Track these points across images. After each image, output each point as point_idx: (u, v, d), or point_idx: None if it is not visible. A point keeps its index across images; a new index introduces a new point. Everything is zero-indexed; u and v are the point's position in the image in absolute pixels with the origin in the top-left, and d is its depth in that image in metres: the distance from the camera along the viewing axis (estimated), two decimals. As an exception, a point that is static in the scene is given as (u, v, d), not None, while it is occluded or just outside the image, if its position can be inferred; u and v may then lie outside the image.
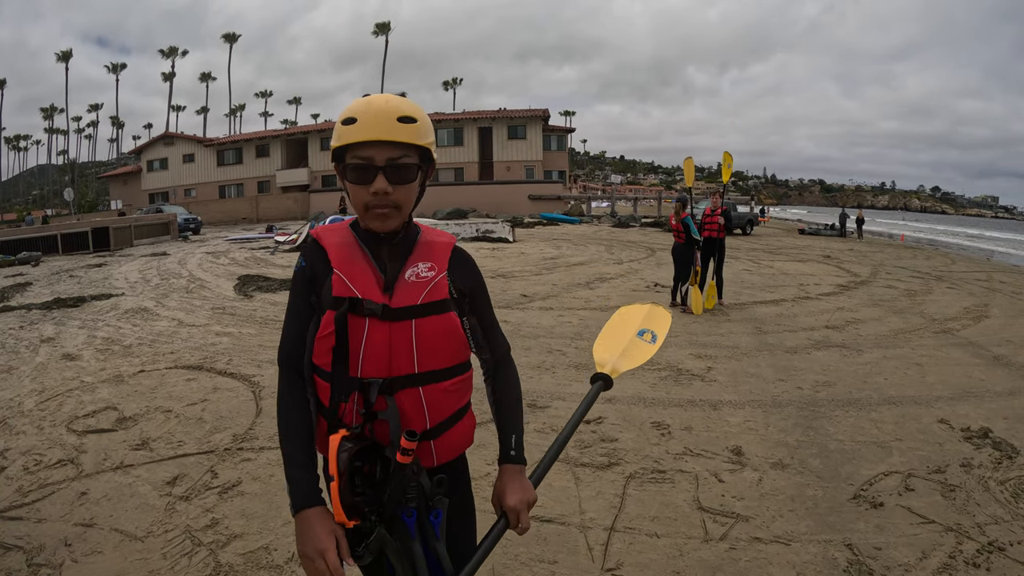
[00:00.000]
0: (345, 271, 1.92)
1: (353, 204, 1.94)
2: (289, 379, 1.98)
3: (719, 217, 12.62)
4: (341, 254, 1.97)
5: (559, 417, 6.28)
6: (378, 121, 1.84)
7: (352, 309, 1.87)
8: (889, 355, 8.78)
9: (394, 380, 1.88)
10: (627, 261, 20.31)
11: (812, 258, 22.51)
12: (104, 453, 5.60)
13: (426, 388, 1.92)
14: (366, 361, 1.87)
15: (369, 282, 1.91)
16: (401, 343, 1.88)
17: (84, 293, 14.86)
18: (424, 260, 2.00)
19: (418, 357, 1.90)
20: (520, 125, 57.09)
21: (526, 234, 31.92)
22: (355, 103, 1.89)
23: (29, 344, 9.88)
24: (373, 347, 1.87)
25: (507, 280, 15.89)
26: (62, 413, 6.64)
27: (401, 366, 1.88)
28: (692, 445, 5.62)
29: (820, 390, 7.16)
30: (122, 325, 11.16)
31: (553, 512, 4.46)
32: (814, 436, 5.86)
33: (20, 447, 5.80)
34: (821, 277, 17.11)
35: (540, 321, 10.92)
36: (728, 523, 4.32)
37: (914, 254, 27.09)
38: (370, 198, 1.89)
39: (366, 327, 1.87)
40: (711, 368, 7.99)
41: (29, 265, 22.49)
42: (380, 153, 1.86)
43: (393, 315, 1.88)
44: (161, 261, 22.28)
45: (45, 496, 4.82)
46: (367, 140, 1.84)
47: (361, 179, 1.88)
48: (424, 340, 1.91)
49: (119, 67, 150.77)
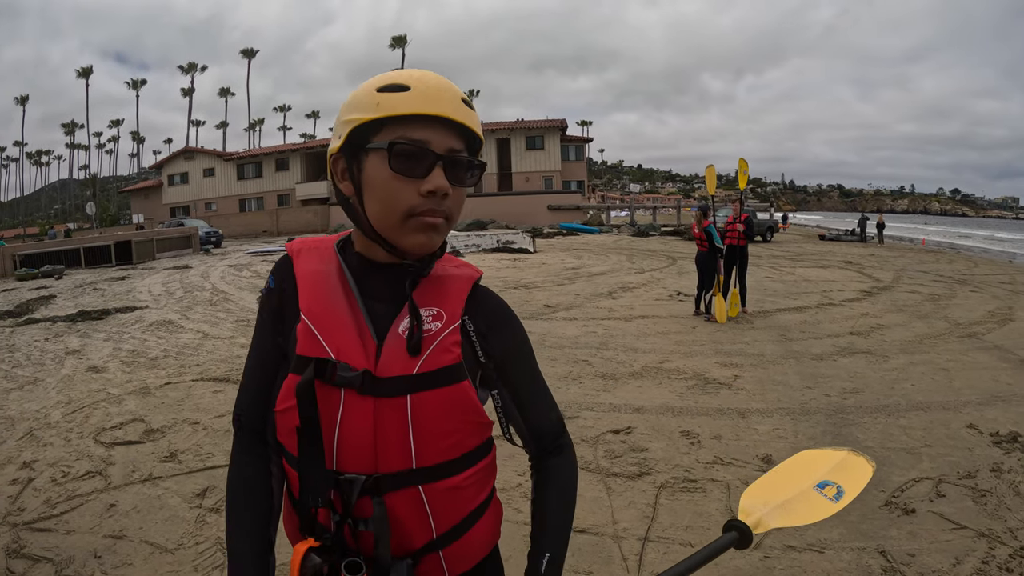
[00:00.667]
0: (316, 316, 1.37)
1: (379, 211, 1.35)
2: (244, 445, 1.48)
3: (740, 225, 12.59)
4: (315, 289, 1.42)
5: (588, 427, 6.26)
6: (441, 93, 1.33)
7: (321, 375, 1.31)
8: (915, 361, 8.70)
9: (383, 478, 1.32)
10: (648, 270, 20.23)
11: (834, 264, 22.35)
12: (132, 465, 5.62)
13: (429, 487, 1.35)
14: (343, 450, 1.32)
15: (348, 336, 1.36)
16: (391, 429, 1.32)
17: (108, 306, 14.98)
18: (429, 304, 1.42)
19: (416, 448, 1.33)
20: (538, 136, 57.28)
21: (546, 244, 31.91)
22: (398, 72, 1.36)
23: (54, 356, 9.97)
24: (352, 432, 1.32)
25: (530, 291, 15.87)
26: (89, 425, 6.67)
27: (392, 459, 1.32)
28: (722, 454, 5.59)
29: (848, 397, 7.10)
30: (147, 337, 11.23)
31: (586, 522, 4.45)
32: (844, 443, 5.78)
33: (47, 458, 5.84)
34: (844, 283, 16.98)
35: (565, 331, 10.89)
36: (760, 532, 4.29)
37: (936, 258, 26.87)
38: (419, 200, 1.31)
39: (341, 403, 1.31)
40: (738, 376, 7.95)
41: (53, 278, 22.74)
42: (439, 138, 1.32)
43: (379, 388, 1.32)
44: (184, 274, 22.42)
45: (73, 508, 4.84)
46: (427, 114, 1.30)
47: (411, 169, 1.30)
48: (425, 424, 1.34)
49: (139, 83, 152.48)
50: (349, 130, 1.34)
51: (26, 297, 17.14)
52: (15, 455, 5.94)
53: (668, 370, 8.29)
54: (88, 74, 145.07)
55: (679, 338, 10.27)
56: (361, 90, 1.36)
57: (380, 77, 1.36)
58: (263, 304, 1.50)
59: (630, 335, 10.51)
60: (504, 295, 14.60)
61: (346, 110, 1.37)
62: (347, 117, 1.35)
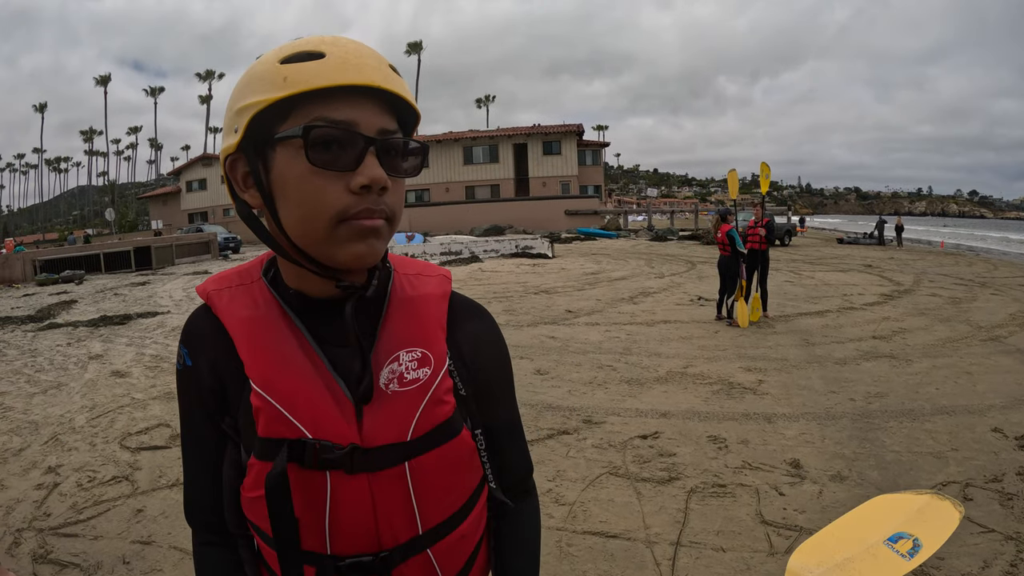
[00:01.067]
0: (273, 385, 1.06)
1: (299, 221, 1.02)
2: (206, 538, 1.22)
3: (761, 229, 12.54)
4: (259, 346, 1.09)
5: (616, 433, 6.24)
6: (364, 59, 1.01)
7: (298, 459, 1.04)
8: (938, 364, 8.64)
9: (390, 554, 1.10)
10: (668, 275, 20.18)
11: (853, 267, 22.23)
12: (159, 470, 5.63)
13: (437, 547, 1.16)
14: (337, 534, 1.08)
15: (321, 403, 1.07)
16: (392, 502, 1.09)
17: (130, 311, 15.07)
18: (408, 343, 1.15)
19: (421, 513, 1.12)
20: (555, 141, 57.30)
21: (565, 249, 31.97)
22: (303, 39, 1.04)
23: (77, 361, 10.02)
24: (348, 515, 1.07)
25: (550, 296, 15.82)
26: (114, 430, 6.69)
27: (398, 532, 1.11)
28: (750, 459, 5.56)
29: (872, 401, 7.06)
30: (170, 343, 11.26)
31: (618, 528, 4.43)
32: (870, 448, 5.77)
33: (73, 463, 5.87)
34: (864, 287, 16.89)
35: (588, 336, 10.85)
36: (792, 536, 4.26)
37: (955, 260, 26.68)
38: (351, 199, 1.00)
39: (328, 486, 1.05)
40: (762, 381, 7.92)
41: (73, 283, 22.88)
42: (368, 117, 1.01)
43: (371, 462, 1.07)
44: (204, 279, 22.34)
45: (100, 513, 4.85)
46: (350, 84, 0.97)
47: (336, 160, 0.98)
48: (426, 487, 1.12)
49: (157, 91, 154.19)
50: (249, 118, 1.00)
51: (47, 302, 17.23)
52: (40, 460, 5.97)
53: (693, 375, 8.26)
54: (106, 82, 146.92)
55: (702, 343, 10.24)
56: (259, 64, 1.04)
57: (283, 47, 1.04)
58: (182, 388, 1.17)
59: (653, 340, 10.48)
60: (525, 300, 14.76)
61: (240, 94, 1.04)
62: (244, 102, 1.02)
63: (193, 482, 1.19)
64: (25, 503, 5.05)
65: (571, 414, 6.72)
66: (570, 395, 7.43)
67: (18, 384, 8.75)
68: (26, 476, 5.61)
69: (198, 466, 1.18)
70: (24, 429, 6.82)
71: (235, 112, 1.03)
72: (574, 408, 6.92)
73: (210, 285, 1.18)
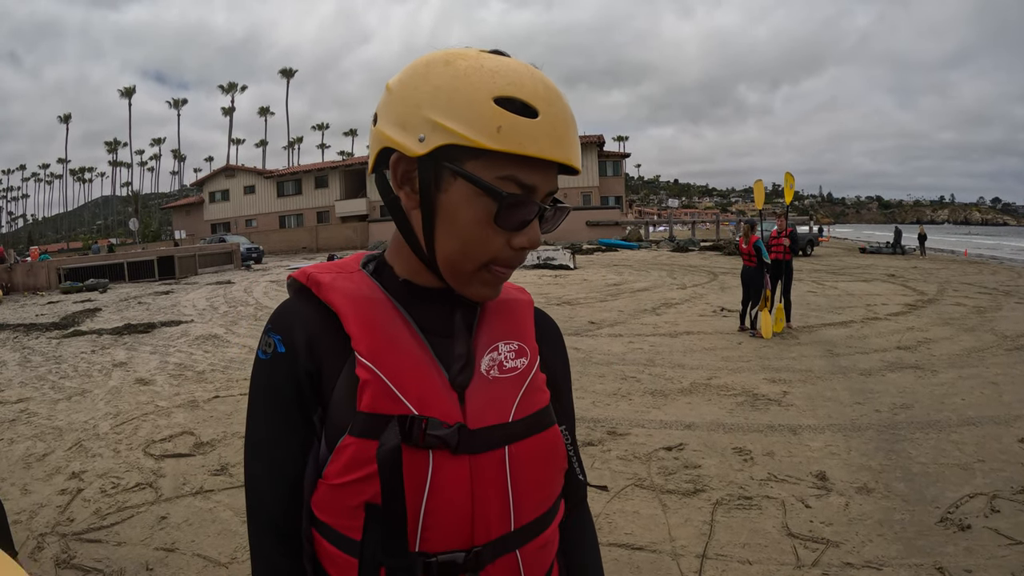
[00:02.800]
0: (383, 361, 1.04)
1: (458, 252, 1.05)
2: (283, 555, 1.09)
3: (785, 239, 12.48)
4: (368, 323, 1.07)
5: (640, 444, 6.20)
6: (569, 129, 1.02)
7: (406, 437, 1.00)
8: (964, 375, 8.56)
9: (483, 550, 1.05)
10: (691, 286, 20.10)
11: (876, 277, 22.09)
12: (183, 478, 5.65)
13: (525, 549, 1.10)
14: (432, 526, 1.02)
15: (430, 382, 1.06)
16: (491, 490, 1.05)
17: (154, 319, 15.23)
18: (506, 336, 1.17)
19: (515, 507, 1.08)
20: (576, 152, 57.40)
21: (586, 260, 31.99)
22: (514, 70, 1.00)
23: (102, 368, 10.12)
24: (446, 501, 1.02)
25: (573, 307, 15.81)
26: (138, 437, 6.73)
27: (492, 526, 1.06)
28: (775, 471, 5.52)
29: (898, 412, 6.99)
30: (193, 351, 11.35)
31: (643, 540, 4.40)
32: (896, 459, 5.72)
33: (97, 469, 5.90)
34: (887, 297, 16.78)
35: (611, 348, 10.82)
36: (819, 549, 4.22)
37: (979, 269, 26.50)
38: (507, 253, 1.06)
39: (430, 468, 1.01)
40: (787, 392, 7.86)
41: (97, 291, 23.09)
42: (545, 181, 1.03)
43: (474, 443, 1.04)
44: (227, 289, 22.77)
45: (124, 519, 4.86)
46: (566, 163, 1.01)
47: (514, 220, 1.02)
48: (524, 479, 1.09)
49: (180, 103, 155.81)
50: (444, 143, 0.98)
51: (71, 310, 17.42)
52: (64, 465, 6.01)
53: (717, 386, 8.22)
54: (131, 94, 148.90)
55: (726, 354, 10.19)
56: (466, 86, 0.98)
57: (493, 72, 0.98)
58: (266, 380, 1.08)
59: (676, 351, 10.44)
60: (547, 312, 14.63)
61: (437, 102, 0.98)
62: (443, 120, 0.97)
63: (270, 484, 1.08)
64: (48, 508, 5.08)
65: (595, 426, 6.68)
66: (594, 406, 7.40)
67: (42, 390, 8.83)
68: (50, 481, 5.64)
69: (278, 465, 1.08)
70: (48, 435, 6.87)
71: (426, 121, 0.99)
72: (598, 420, 6.88)
73: (311, 271, 1.14)
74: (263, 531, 1.09)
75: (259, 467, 1.09)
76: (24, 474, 5.82)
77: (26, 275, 25.95)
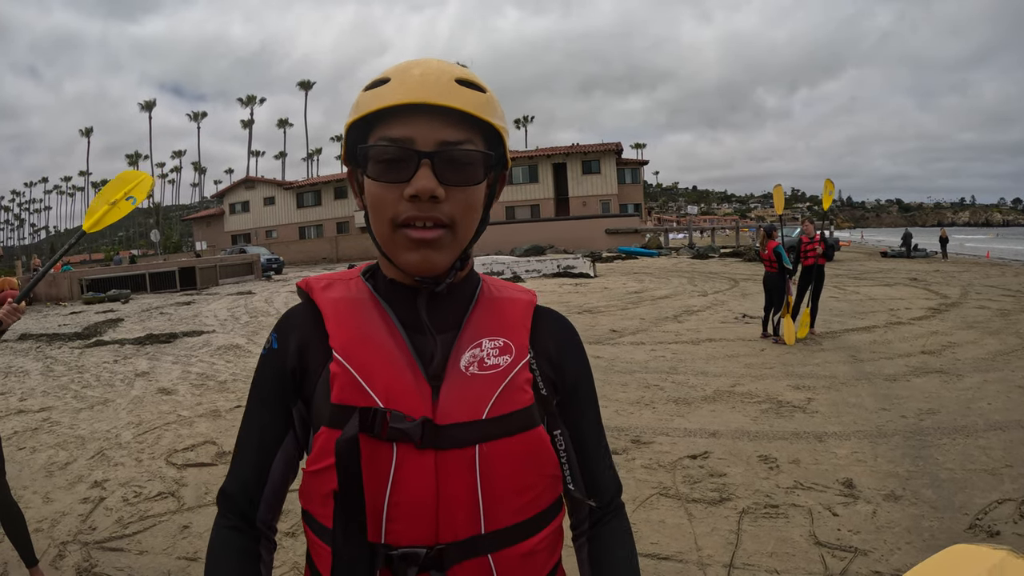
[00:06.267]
0: (352, 353, 1.12)
1: (374, 222, 1.15)
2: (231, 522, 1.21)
3: (820, 245, 12.41)
4: (346, 321, 1.17)
5: (665, 453, 6.16)
6: (425, 79, 1.09)
7: (367, 428, 1.06)
8: (990, 379, 8.47)
9: (447, 548, 1.08)
10: (712, 293, 20.02)
11: (898, 281, 21.91)
12: (205, 487, 5.66)
13: (499, 555, 1.11)
14: (396, 519, 1.07)
15: (398, 376, 1.11)
16: (457, 488, 1.08)
17: (175, 330, 15.33)
18: (492, 333, 1.20)
19: (485, 509, 1.10)
20: (594, 160, 57.69)
21: (606, 268, 31.90)
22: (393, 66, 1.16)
23: (124, 378, 10.19)
24: (409, 495, 1.07)
25: (594, 316, 15.76)
26: (160, 446, 6.76)
27: (458, 526, 1.08)
28: (802, 478, 5.46)
29: (924, 418, 6.92)
30: (215, 361, 11.40)
31: (669, 549, 4.36)
32: (924, 466, 5.65)
33: (119, 478, 5.92)
34: (910, 300, 16.63)
35: (633, 356, 10.77)
36: (847, 557, 4.17)
37: (1001, 271, 26.22)
38: (404, 207, 1.09)
39: (394, 460, 1.06)
40: (811, 399, 7.79)
41: (119, 302, 23.28)
42: (426, 132, 1.08)
43: (441, 439, 1.08)
44: (248, 299, 22.93)
45: (146, 528, 4.87)
46: (407, 103, 1.07)
47: (391, 172, 1.09)
48: (496, 479, 1.10)
49: (200, 115, 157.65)
50: (343, 138, 1.18)
51: (93, 320, 17.54)
52: (86, 474, 6.04)
53: (740, 394, 8.17)
54: (151, 107, 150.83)
55: (749, 361, 10.13)
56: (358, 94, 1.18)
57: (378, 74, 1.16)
58: (262, 368, 1.23)
59: (699, 359, 10.38)
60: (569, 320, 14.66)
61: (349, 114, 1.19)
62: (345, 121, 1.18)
63: (241, 465, 1.22)
64: (70, 516, 5.10)
65: (619, 434, 6.64)
66: (617, 415, 7.36)
67: (65, 399, 8.88)
68: (72, 490, 5.66)
69: (252, 451, 1.21)
70: (71, 444, 6.90)
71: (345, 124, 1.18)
72: (622, 428, 6.85)
73: (311, 279, 1.26)
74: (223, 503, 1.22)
75: (239, 447, 1.23)
76: (46, 482, 5.84)
77: (48, 286, 26.17)
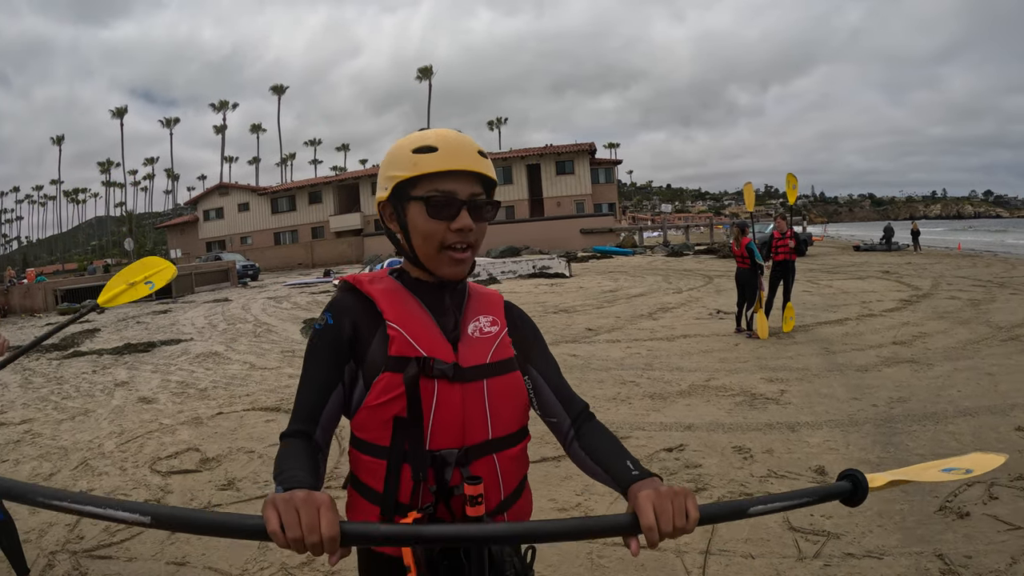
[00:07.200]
0: (403, 323, 1.67)
1: (420, 245, 1.69)
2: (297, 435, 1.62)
3: (791, 240, 12.58)
4: (393, 304, 1.72)
5: (641, 446, 6.27)
6: (461, 150, 1.66)
7: (422, 370, 1.61)
8: (960, 367, 8.65)
9: (469, 449, 1.65)
10: (686, 290, 20.18)
11: (871, 274, 22.16)
12: (190, 493, 5.70)
13: (500, 455, 1.71)
14: (437, 431, 1.62)
15: (433, 337, 1.68)
16: (475, 407, 1.67)
17: (153, 339, 15.29)
18: (484, 313, 1.83)
19: (491, 421, 1.69)
20: (567, 160, 57.79)
21: (582, 268, 31.99)
22: (425, 133, 1.71)
23: (104, 387, 10.19)
24: (446, 413, 1.63)
25: (570, 315, 15.90)
26: (144, 454, 6.77)
27: (476, 433, 1.67)
28: (775, 467, 5.58)
29: (895, 406, 7.07)
30: (195, 369, 11.41)
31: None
32: (894, 452, 5.79)
33: (104, 487, 5.94)
34: (882, 293, 16.87)
35: (609, 353, 10.88)
36: (820, 541, 4.29)
37: (972, 262, 26.60)
38: (450, 236, 1.66)
39: (435, 391, 1.62)
40: (784, 391, 7.93)
41: (95, 312, 23.02)
42: (463, 187, 1.66)
43: (464, 376, 1.66)
44: (225, 307, 22.83)
45: (134, 535, 4.87)
46: (451, 170, 1.63)
47: (442, 214, 1.64)
48: (495, 402, 1.71)
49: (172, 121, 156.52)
50: (394, 184, 1.68)
51: (70, 331, 17.37)
52: (70, 484, 6.05)
53: (715, 387, 8.29)
54: (122, 114, 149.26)
55: (723, 356, 10.26)
56: (399, 149, 1.70)
57: (412, 138, 1.70)
58: (320, 338, 1.72)
59: (674, 355, 10.51)
60: (544, 320, 14.92)
61: (388, 166, 1.71)
62: (390, 173, 1.70)
63: (303, 405, 1.66)
64: (58, 526, 5.09)
65: (596, 430, 6.67)
66: (594, 411, 7.33)
67: (45, 411, 8.88)
68: (58, 501, 5.66)
69: (313, 393, 1.66)
70: (53, 454, 6.91)
71: (386, 177, 1.72)
72: (599, 424, 6.87)
73: (354, 276, 1.82)
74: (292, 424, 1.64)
75: (303, 390, 1.68)
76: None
77: (23, 297, 26.00)
